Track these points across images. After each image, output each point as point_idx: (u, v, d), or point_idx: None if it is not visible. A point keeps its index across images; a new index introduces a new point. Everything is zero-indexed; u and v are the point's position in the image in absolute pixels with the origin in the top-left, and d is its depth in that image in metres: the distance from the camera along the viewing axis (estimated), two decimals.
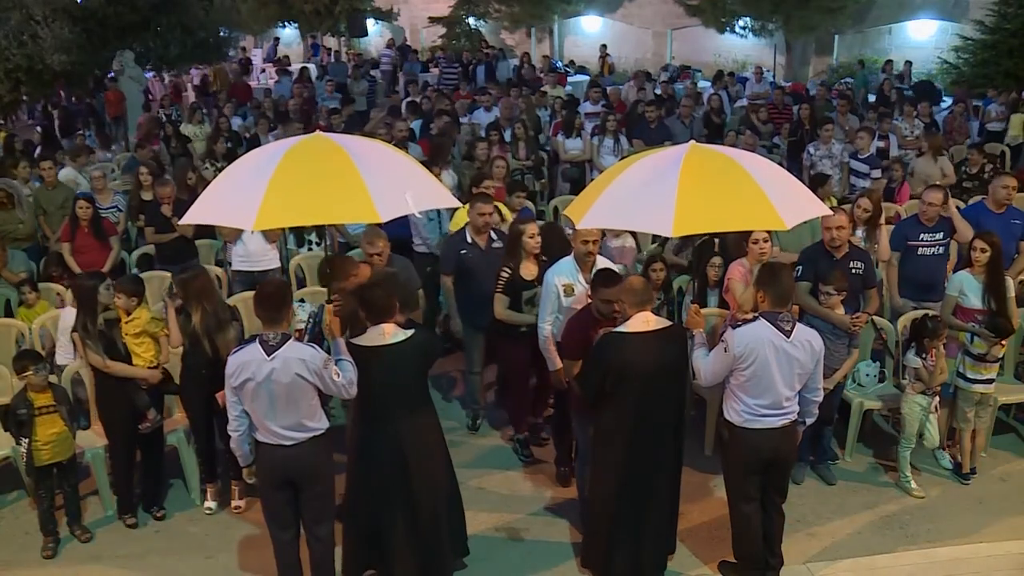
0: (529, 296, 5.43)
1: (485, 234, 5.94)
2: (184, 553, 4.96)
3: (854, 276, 5.42)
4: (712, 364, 4.36)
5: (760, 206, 4.00)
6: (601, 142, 10.19)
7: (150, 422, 5.10)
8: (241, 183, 4.13)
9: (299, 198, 3.90)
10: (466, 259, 5.89)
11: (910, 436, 5.45)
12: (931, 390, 5.35)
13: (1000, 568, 4.80)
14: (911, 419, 5.41)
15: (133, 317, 5.15)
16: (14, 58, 13.81)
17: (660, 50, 24.36)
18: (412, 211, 4.19)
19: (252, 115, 13.16)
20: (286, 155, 4.04)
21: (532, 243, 5.44)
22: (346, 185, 3.94)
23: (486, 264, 5.74)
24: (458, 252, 5.93)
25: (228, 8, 19.42)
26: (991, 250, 5.50)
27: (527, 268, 5.49)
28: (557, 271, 5.14)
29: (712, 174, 4.13)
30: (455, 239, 6.07)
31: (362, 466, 4.34)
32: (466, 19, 25.09)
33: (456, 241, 6.02)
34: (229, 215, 4.21)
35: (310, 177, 3.96)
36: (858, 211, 6.33)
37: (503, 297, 5.48)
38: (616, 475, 4.41)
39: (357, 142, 4.50)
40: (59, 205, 8.05)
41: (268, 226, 4.28)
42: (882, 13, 20.44)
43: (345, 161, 4.02)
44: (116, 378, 5.03)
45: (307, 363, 3.96)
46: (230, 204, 4.08)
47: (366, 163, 4.04)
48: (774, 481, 4.48)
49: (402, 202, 4.07)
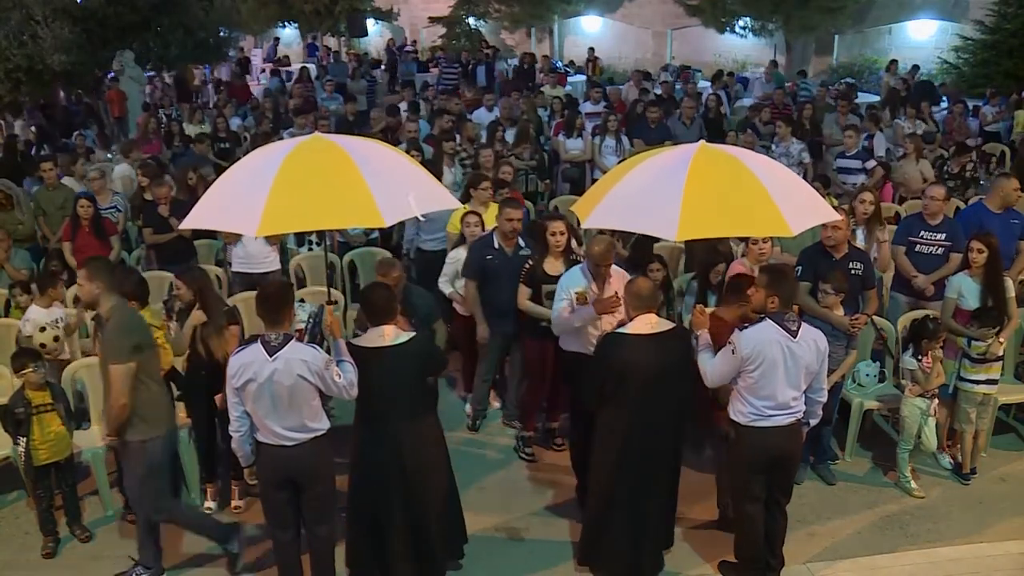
0: (549, 291, 5.31)
1: (513, 240, 5.83)
2: (184, 553, 4.96)
3: (853, 277, 5.42)
4: (719, 366, 4.35)
5: (766, 212, 3.99)
6: (602, 142, 10.20)
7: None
8: (243, 187, 4.09)
9: (303, 202, 3.87)
10: (491, 264, 5.78)
11: (908, 438, 5.46)
12: (929, 392, 5.35)
13: (1000, 568, 4.80)
14: (910, 421, 5.41)
15: None
16: (14, 58, 13.82)
17: (660, 50, 24.35)
18: (415, 213, 4.17)
19: (252, 115, 13.15)
20: (288, 157, 4.01)
21: (553, 240, 5.41)
22: (350, 188, 3.91)
23: (511, 270, 5.64)
24: (483, 257, 5.81)
25: (228, 8, 19.41)
26: (988, 251, 5.50)
27: (551, 264, 5.45)
28: (570, 280, 5.09)
29: (719, 178, 4.11)
30: (481, 244, 5.93)
31: (361, 466, 4.35)
32: (466, 19, 25.08)
33: (482, 246, 5.89)
34: (232, 220, 4.15)
35: (313, 180, 3.92)
36: (861, 207, 6.33)
37: (525, 288, 5.46)
38: (616, 475, 4.41)
39: (358, 143, 4.47)
40: (59, 206, 8.06)
41: (272, 231, 4.24)
42: (882, 13, 20.44)
43: (348, 163, 3.99)
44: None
45: (309, 364, 3.96)
46: (232, 209, 4.04)
47: (368, 165, 4.01)
48: (779, 481, 4.48)
49: (405, 205, 4.06)
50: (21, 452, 4.84)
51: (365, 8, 24.39)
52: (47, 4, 14.20)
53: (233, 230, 4.73)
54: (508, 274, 5.64)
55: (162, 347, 5.12)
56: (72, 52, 14.10)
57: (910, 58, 18.45)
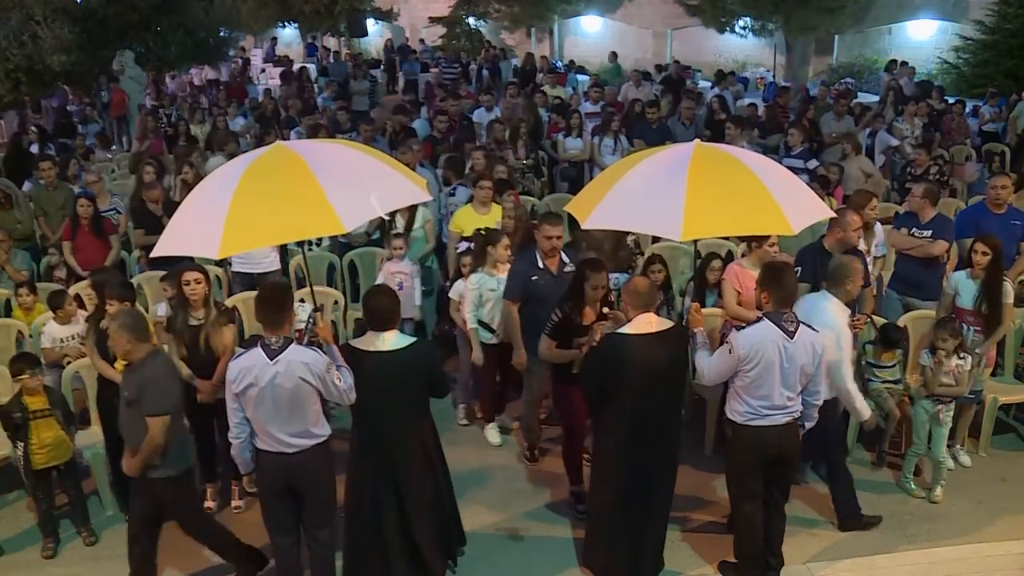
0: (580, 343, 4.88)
1: (555, 257, 5.46)
2: (184, 553, 4.95)
3: None
4: (716, 365, 4.35)
5: (768, 210, 3.98)
6: (602, 141, 10.20)
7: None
8: (202, 209, 4.04)
9: (261, 219, 3.83)
10: (536, 285, 5.38)
11: (917, 441, 5.40)
12: (934, 396, 5.29)
13: (1000, 568, 4.80)
14: (917, 424, 5.39)
15: None
16: (14, 58, 13.83)
17: (660, 50, 24.35)
18: (379, 214, 4.12)
19: (251, 115, 13.16)
20: (244, 174, 3.96)
21: (594, 295, 4.84)
22: (306, 199, 3.85)
23: (558, 289, 5.16)
24: (528, 278, 5.41)
25: (228, 8, 19.42)
26: (992, 253, 5.49)
27: (586, 313, 4.92)
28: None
29: (720, 177, 4.10)
30: (523, 263, 5.50)
31: (358, 470, 4.34)
32: (466, 19, 25.08)
33: (525, 266, 5.46)
34: (193, 244, 4.07)
35: (270, 195, 3.87)
36: (871, 214, 6.29)
37: (550, 340, 4.95)
38: (616, 475, 4.41)
39: (316, 148, 4.42)
40: (59, 206, 8.06)
41: (232, 252, 4.16)
42: (882, 13, 20.44)
43: (304, 173, 3.93)
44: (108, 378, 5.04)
45: (310, 367, 3.94)
46: (194, 232, 3.99)
47: (325, 172, 3.95)
48: (777, 479, 4.48)
49: (367, 206, 4.02)
50: (20, 455, 4.84)
51: (365, 8, 24.40)
52: (47, 4, 14.22)
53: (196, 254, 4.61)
54: (555, 295, 5.12)
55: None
56: (72, 52, 14.12)
57: (910, 58, 18.46)
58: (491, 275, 5.84)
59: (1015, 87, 14.62)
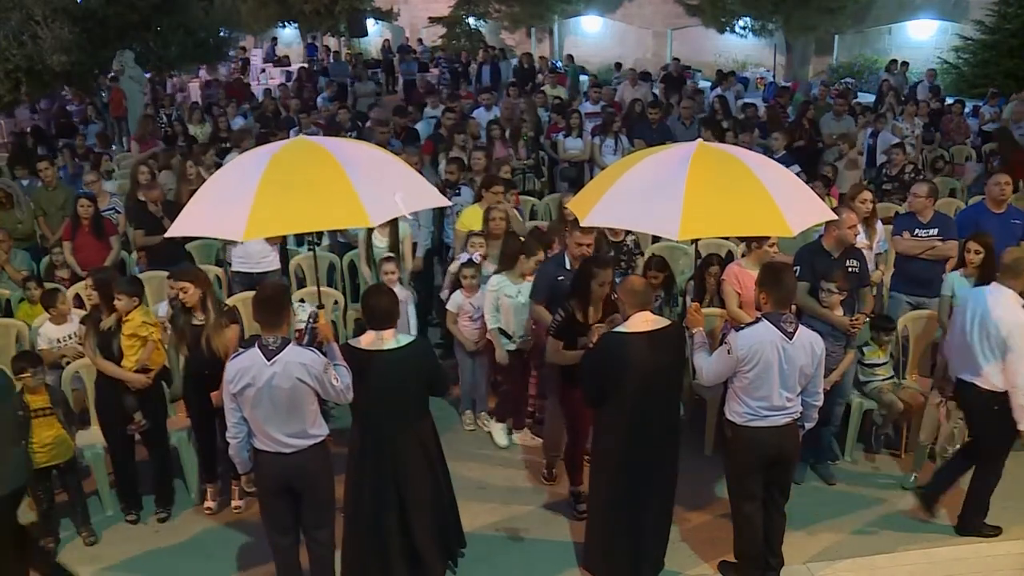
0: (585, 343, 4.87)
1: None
2: (184, 553, 4.96)
3: (851, 275, 5.42)
4: (715, 365, 4.35)
5: (767, 211, 3.97)
6: (603, 142, 10.20)
7: (136, 425, 5.09)
8: (228, 191, 4.05)
9: (288, 205, 3.84)
10: (563, 286, 5.32)
11: (924, 435, 5.43)
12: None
13: (1000, 568, 4.80)
14: (926, 419, 5.40)
15: (128, 319, 5.14)
16: (14, 58, 13.81)
17: (660, 50, 24.37)
18: (403, 212, 4.16)
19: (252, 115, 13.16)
20: (272, 160, 3.98)
21: (600, 292, 4.86)
22: (335, 190, 3.88)
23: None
24: (554, 279, 5.42)
25: (228, 8, 19.40)
26: (984, 252, 5.50)
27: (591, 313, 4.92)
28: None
29: (720, 177, 4.09)
30: (551, 265, 5.56)
31: (357, 470, 4.34)
32: (466, 19, 25.10)
33: (552, 268, 5.51)
34: (218, 226, 4.08)
35: (298, 183, 3.89)
36: (863, 207, 6.34)
37: (556, 341, 4.94)
38: (616, 475, 4.41)
39: (341, 143, 4.46)
40: (59, 206, 8.06)
41: (258, 235, 4.20)
42: (882, 13, 20.46)
43: (332, 165, 3.96)
44: (109, 378, 5.04)
45: (308, 367, 3.94)
46: (218, 214, 4.00)
47: (354, 166, 3.98)
48: (777, 479, 4.48)
49: (392, 204, 4.04)
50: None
51: (365, 8, 24.42)
52: (47, 4, 14.18)
53: (220, 236, 4.62)
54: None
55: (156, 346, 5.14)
56: (72, 52, 14.09)
57: (910, 58, 18.48)
58: (514, 282, 5.84)
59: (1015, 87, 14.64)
